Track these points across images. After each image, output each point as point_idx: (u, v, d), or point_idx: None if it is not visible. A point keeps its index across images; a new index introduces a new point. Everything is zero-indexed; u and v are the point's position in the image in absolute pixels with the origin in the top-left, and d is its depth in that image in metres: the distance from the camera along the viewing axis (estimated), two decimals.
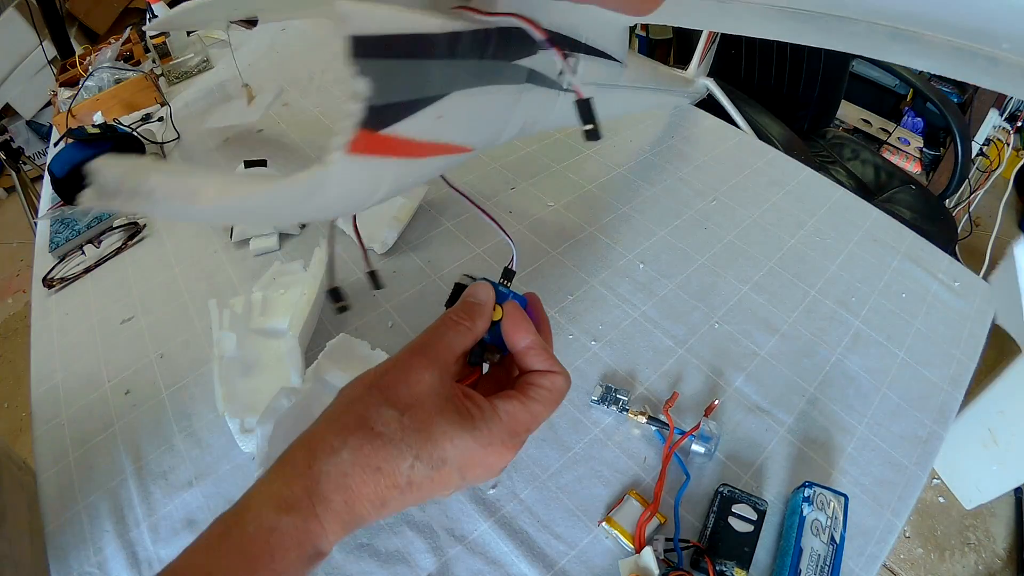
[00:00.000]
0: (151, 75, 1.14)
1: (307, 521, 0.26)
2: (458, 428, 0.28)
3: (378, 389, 0.28)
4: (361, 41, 0.19)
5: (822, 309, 0.69)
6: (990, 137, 1.78)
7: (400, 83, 0.20)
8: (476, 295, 0.33)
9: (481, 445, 0.28)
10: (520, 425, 0.30)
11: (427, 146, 0.24)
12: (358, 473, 0.26)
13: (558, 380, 0.32)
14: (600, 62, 0.41)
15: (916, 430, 0.58)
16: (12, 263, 2.34)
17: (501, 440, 0.29)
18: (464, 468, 0.28)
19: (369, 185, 0.23)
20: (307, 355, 0.64)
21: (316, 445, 0.27)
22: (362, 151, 0.20)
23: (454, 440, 0.27)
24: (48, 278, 0.80)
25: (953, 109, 1.28)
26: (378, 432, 0.27)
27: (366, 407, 0.28)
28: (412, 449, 0.27)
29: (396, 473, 0.27)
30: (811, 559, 0.46)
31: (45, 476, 0.59)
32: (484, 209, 0.36)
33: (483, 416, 0.29)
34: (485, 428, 0.28)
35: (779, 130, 1.10)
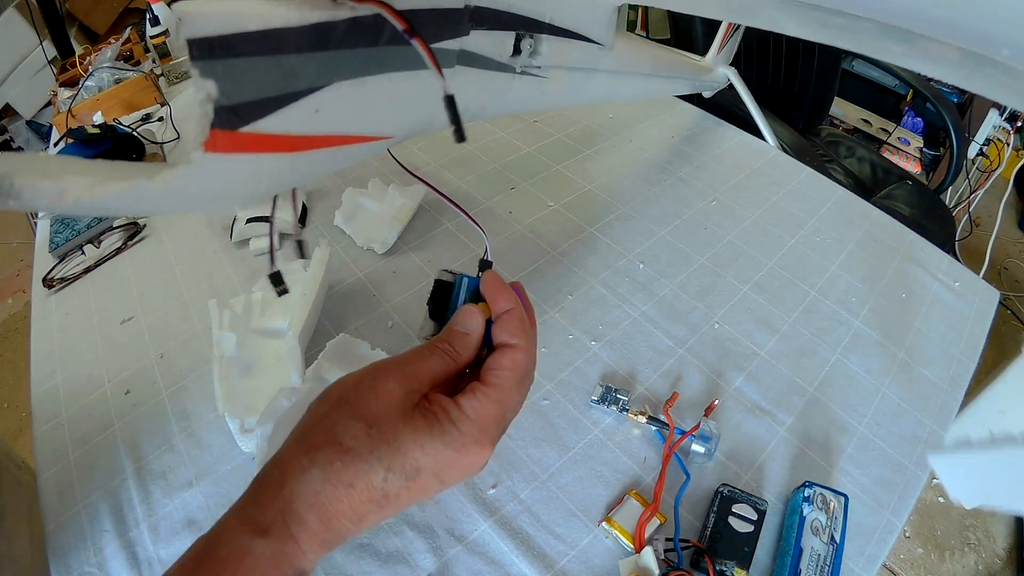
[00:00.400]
0: (151, 75, 1.14)
1: (283, 543, 0.26)
2: (427, 435, 0.27)
3: (346, 403, 0.28)
4: (200, 43, 0.18)
5: (822, 309, 0.69)
6: (990, 137, 1.78)
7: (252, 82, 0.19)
8: (464, 324, 0.31)
9: (454, 449, 0.27)
10: (489, 418, 0.29)
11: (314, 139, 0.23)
12: (330, 490, 0.26)
13: (518, 356, 0.30)
14: (572, 44, 0.39)
15: (916, 430, 0.58)
16: (12, 263, 2.34)
17: (474, 439, 0.28)
18: (441, 473, 0.28)
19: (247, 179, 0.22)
20: (307, 355, 0.64)
21: (286, 465, 0.27)
22: (223, 149, 0.20)
23: (424, 448, 0.27)
24: (48, 278, 0.80)
25: (947, 103, 1.29)
26: (347, 447, 0.26)
27: (334, 423, 0.27)
28: (383, 462, 0.26)
29: (370, 487, 0.26)
30: (811, 559, 0.46)
31: (45, 476, 0.59)
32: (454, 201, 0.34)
33: (450, 418, 0.28)
34: (454, 430, 0.28)
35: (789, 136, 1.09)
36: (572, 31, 0.38)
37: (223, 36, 0.18)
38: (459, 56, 0.29)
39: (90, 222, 0.89)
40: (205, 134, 0.19)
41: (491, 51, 0.32)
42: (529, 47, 0.35)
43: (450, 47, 0.28)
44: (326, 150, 0.24)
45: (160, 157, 0.99)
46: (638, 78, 0.61)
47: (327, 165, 0.26)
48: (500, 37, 0.32)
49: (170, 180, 0.20)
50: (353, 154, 0.27)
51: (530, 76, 0.36)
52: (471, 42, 0.29)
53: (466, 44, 0.29)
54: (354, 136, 0.26)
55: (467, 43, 0.29)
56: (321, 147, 0.24)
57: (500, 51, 0.32)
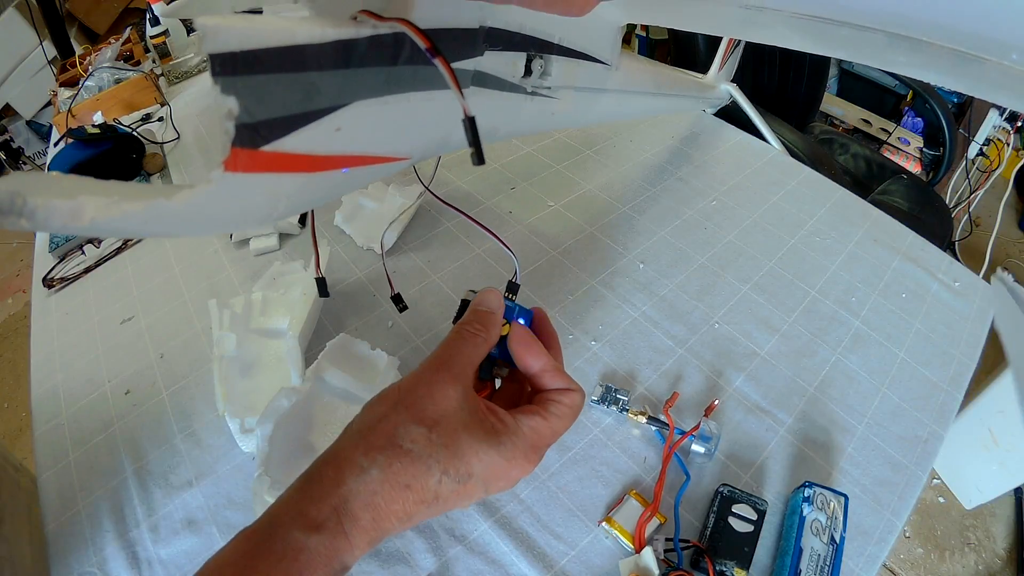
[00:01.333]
0: (151, 75, 1.14)
1: (335, 539, 0.26)
2: (484, 443, 0.28)
3: (404, 407, 0.28)
4: (223, 58, 0.17)
5: (822, 309, 0.69)
6: (990, 137, 1.78)
7: (275, 99, 0.19)
8: (486, 303, 0.33)
9: (506, 459, 0.29)
10: (542, 440, 0.30)
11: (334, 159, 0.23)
12: (387, 491, 0.27)
13: (576, 398, 0.32)
14: (581, 64, 0.39)
15: (916, 430, 0.58)
16: (12, 263, 2.34)
17: (524, 454, 0.29)
18: (488, 481, 0.29)
19: (266, 199, 0.22)
20: (307, 355, 0.64)
21: (343, 464, 0.27)
22: (244, 169, 0.19)
23: (480, 455, 0.28)
24: (48, 278, 0.81)
25: (939, 99, 1.30)
26: (406, 450, 0.27)
27: (394, 425, 0.28)
28: (440, 464, 0.27)
29: (424, 489, 0.27)
30: (811, 559, 0.46)
31: (45, 476, 0.59)
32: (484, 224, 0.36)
33: (507, 431, 0.29)
34: (510, 443, 0.29)
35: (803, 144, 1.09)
36: (580, 51, 0.39)
37: (246, 52, 0.18)
38: (474, 77, 0.29)
39: None
40: (226, 153, 0.19)
41: (504, 72, 0.32)
42: (540, 68, 0.35)
43: (466, 67, 0.28)
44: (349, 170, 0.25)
45: (160, 157, 0.99)
46: (643, 97, 0.62)
47: (345, 185, 0.26)
48: (512, 58, 0.32)
49: (189, 200, 0.19)
50: (371, 174, 0.27)
51: (540, 97, 0.37)
52: (485, 63, 0.30)
53: (480, 65, 0.29)
54: (373, 156, 0.25)
55: (481, 63, 0.29)
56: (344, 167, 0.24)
57: (512, 72, 0.33)
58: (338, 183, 0.25)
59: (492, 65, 0.30)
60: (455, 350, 0.31)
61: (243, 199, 0.21)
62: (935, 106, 1.29)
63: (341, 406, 0.58)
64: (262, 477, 0.49)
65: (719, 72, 0.95)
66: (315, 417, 0.57)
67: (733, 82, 0.98)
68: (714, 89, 0.95)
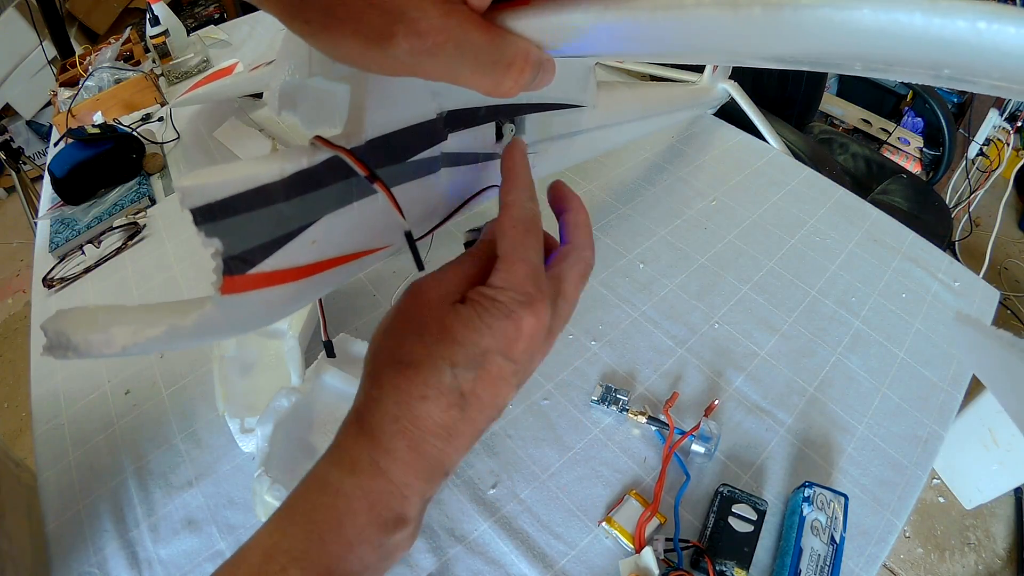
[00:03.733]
0: (151, 75, 1.14)
1: (373, 479, 0.25)
2: (475, 318, 0.26)
3: (392, 330, 0.27)
4: (201, 211, 0.21)
5: (822, 309, 0.69)
6: (990, 137, 1.78)
7: (251, 232, 0.22)
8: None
9: (504, 318, 0.25)
10: (519, 278, 0.26)
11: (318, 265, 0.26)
12: (406, 410, 0.25)
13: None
14: (553, 115, 0.39)
15: (916, 430, 0.58)
16: (12, 263, 2.34)
17: (518, 302, 0.26)
18: (506, 351, 0.26)
19: (265, 308, 0.24)
20: (307, 354, 0.64)
21: (361, 406, 0.26)
22: (237, 291, 0.22)
23: (478, 329, 0.25)
24: (48, 278, 0.80)
25: (939, 99, 1.30)
26: (407, 362, 0.25)
27: (390, 351, 0.27)
28: (445, 359, 0.25)
29: (442, 390, 0.25)
30: (811, 559, 0.46)
31: (45, 476, 0.59)
32: None
33: (486, 295, 0.26)
34: (496, 302, 0.26)
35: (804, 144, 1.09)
36: (552, 103, 0.38)
37: (219, 201, 0.21)
38: (443, 159, 0.30)
39: (90, 222, 0.89)
40: (219, 282, 0.22)
41: (474, 145, 0.32)
42: (511, 131, 0.35)
43: (431, 154, 0.29)
44: (331, 270, 0.27)
45: (160, 157, 0.99)
46: (630, 124, 0.61)
47: (337, 280, 0.28)
48: (480, 131, 0.32)
49: (199, 320, 0.22)
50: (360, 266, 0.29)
51: None
52: (451, 144, 0.30)
53: (447, 147, 0.30)
54: (354, 254, 0.28)
55: (447, 146, 0.30)
56: (325, 270, 0.26)
57: (483, 143, 0.33)
58: (329, 280, 0.27)
59: (460, 144, 0.31)
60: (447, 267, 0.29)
61: (243, 312, 0.24)
62: (935, 106, 1.29)
63: (341, 406, 0.58)
64: (262, 477, 0.49)
65: (714, 73, 0.94)
66: (315, 417, 0.57)
67: (733, 79, 0.97)
68: (711, 91, 0.95)
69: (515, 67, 0.23)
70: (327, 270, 0.26)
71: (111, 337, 0.21)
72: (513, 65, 0.23)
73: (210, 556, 0.52)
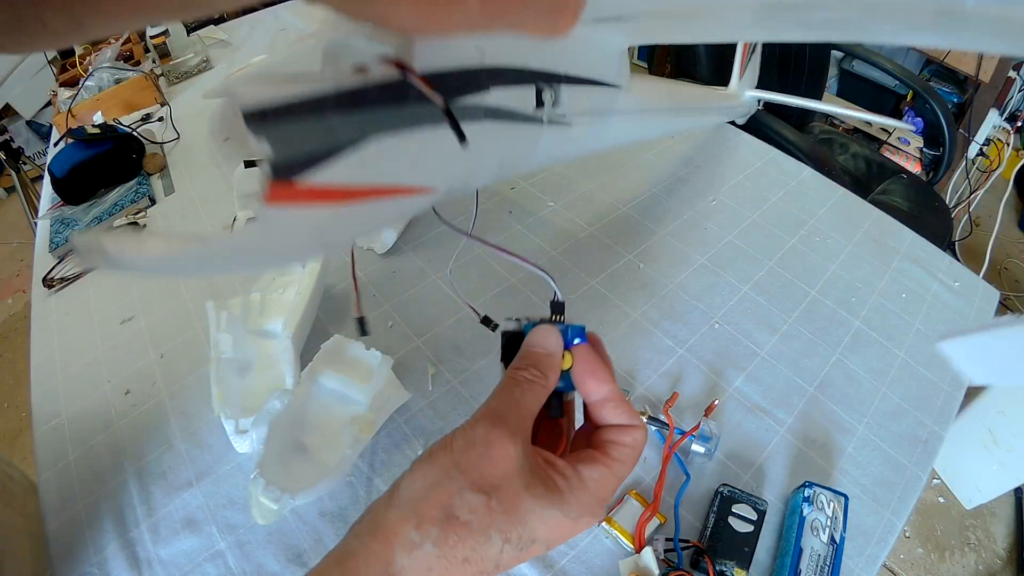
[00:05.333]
0: (151, 75, 1.14)
1: None
2: (547, 504, 0.26)
3: (459, 471, 0.26)
4: (253, 113, 0.21)
5: (822, 309, 0.69)
6: (990, 137, 1.78)
7: (300, 140, 0.22)
8: (545, 345, 0.30)
9: (571, 519, 0.26)
10: (607, 491, 0.28)
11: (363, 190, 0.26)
12: (444, 566, 0.24)
13: (639, 436, 0.29)
14: (591, 90, 0.41)
15: (916, 430, 0.58)
16: (12, 263, 2.34)
17: (590, 510, 0.27)
18: (551, 541, 0.27)
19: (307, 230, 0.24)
20: (304, 356, 0.64)
21: (392, 538, 0.25)
22: (281, 201, 0.22)
23: (544, 518, 0.26)
24: (48, 278, 0.80)
25: (938, 98, 1.30)
26: (464, 521, 0.25)
27: (449, 494, 0.25)
28: (502, 533, 0.25)
29: (484, 559, 0.25)
30: (811, 559, 0.46)
31: (45, 476, 0.59)
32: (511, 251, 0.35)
33: (570, 487, 0.27)
34: (574, 500, 0.26)
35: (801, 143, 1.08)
36: (588, 78, 0.40)
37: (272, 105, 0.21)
38: (485, 112, 0.31)
39: (90, 222, 0.89)
40: (266, 189, 0.22)
41: (515, 105, 0.33)
42: (551, 98, 0.36)
43: (475, 102, 0.30)
44: (375, 201, 0.27)
45: (160, 157, 0.99)
46: (663, 115, 0.62)
47: (379, 215, 0.28)
48: (521, 91, 0.33)
49: (239, 237, 0.23)
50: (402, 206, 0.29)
51: (556, 125, 0.38)
52: (494, 98, 0.31)
53: (489, 100, 0.31)
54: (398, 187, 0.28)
55: (489, 99, 0.31)
56: (369, 197, 0.26)
57: (524, 104, 0.34)
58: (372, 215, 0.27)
59: (501, 99, 0.32)
60: (511, 401, 0.28)
61: (287, 230, 0.24)
62: (935, 106, 1.29)
63: (336, 407, 0.58)
64: (257, 479, 0.48)
65: (740, 81, 0.92)
66: (309, 418, 0.57)
67: None
68: (738, 98, 0.93)
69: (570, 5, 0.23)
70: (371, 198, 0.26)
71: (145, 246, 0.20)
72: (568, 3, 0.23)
73: (210, 556, 0.52)
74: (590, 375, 0.30)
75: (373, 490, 0.55)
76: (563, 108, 0.38)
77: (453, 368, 0.64)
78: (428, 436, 0.59)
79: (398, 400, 0.59)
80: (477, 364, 0.64)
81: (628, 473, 0.29)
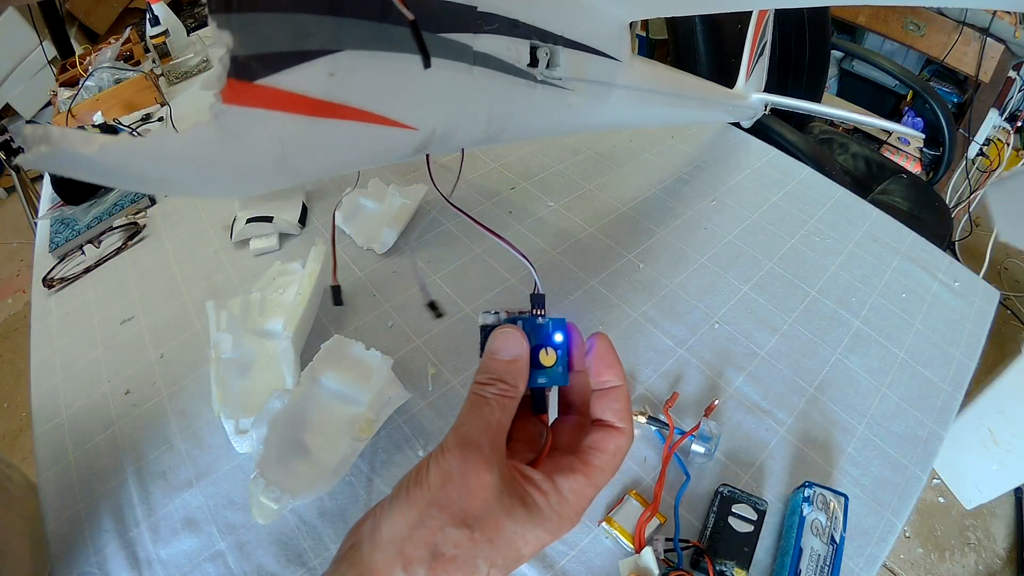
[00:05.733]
0: (151, 75, 1.14)
1: None
2: (529, 523, 0.26)
3: (439, 508, 0.25)
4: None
5: (822, 309, 0.69)
6: (990, 137, 1.78)
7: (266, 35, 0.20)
8: (507, 351, 0.29)
9: (552, 533, 0.27)
10: (586, 500, 0.28)
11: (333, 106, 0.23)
12: None
13: (623, 443, 0.29)
14: (589, 57, 0.39)
15: (916, 430, 0.58)
16: (12, 263, 2.34)
17: (569, 521, 0.27)
18: (535, 553, 0.27)
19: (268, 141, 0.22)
20: (304, 355, 0.64)
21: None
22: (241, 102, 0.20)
23: (527, 537, 0.26)
24: (48, 278, 0.80)
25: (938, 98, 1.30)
26: (451, 556, 0.25)
27: (431, 532, 0.25)
28: (488, 561, 0.25)
29: None
30: (811, 559, 0.46)
31: (45, 476, 0.59)
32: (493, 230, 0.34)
33: (549, 503, 0.27)
34: (554, 515, 0.27)
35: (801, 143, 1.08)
36: (586, 45, 0.38)
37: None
38: (475, 57, 0.29)
39: (90, 222, 0.89)
40: (222, 84, 0.20)
41: (508, 56, 0.31)
42: (546, 55, 0.34)
43: (463, 40, 0.28)
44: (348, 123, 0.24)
45: None
46: (665, 99, 0.60)
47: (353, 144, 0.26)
48: (515, 44, 0.32)
49: (193, 134, 0.20)
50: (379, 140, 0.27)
51: (551, 86, 0.36)
52: (485, 44, 0.29)
53: (479, 44, 0.29)
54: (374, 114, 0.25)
55: (479, 43, 0.29)
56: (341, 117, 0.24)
57: (517, 57, 0.32)
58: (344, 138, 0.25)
59: (493, 47, 0.30)
60: (481, 422, 0.27)
61: (245, 137, 0.21)
62: (935, 106, 1.29)
63: (336, 407, 0.58)
64: (257, 479, 0.49)
65: (747, 83, 0.91)
66: (310, 418, 0.57)
67: None
68: (744, 99, 0.91)
69: None
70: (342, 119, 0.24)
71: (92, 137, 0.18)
72: None
73: (210, 556, 0.52)
74: (606, 365, 0.30)
75: (373, 490, 0.55)
76: (560, 71, 0.36)
77: (453, 368, 0.64)
78: (428, 436, 0.59)
79: (398, 400, 0.59)
80: (477, 364, 0.64)
81: (607, 481, 0.29)
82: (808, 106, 0.92)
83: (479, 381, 0.29)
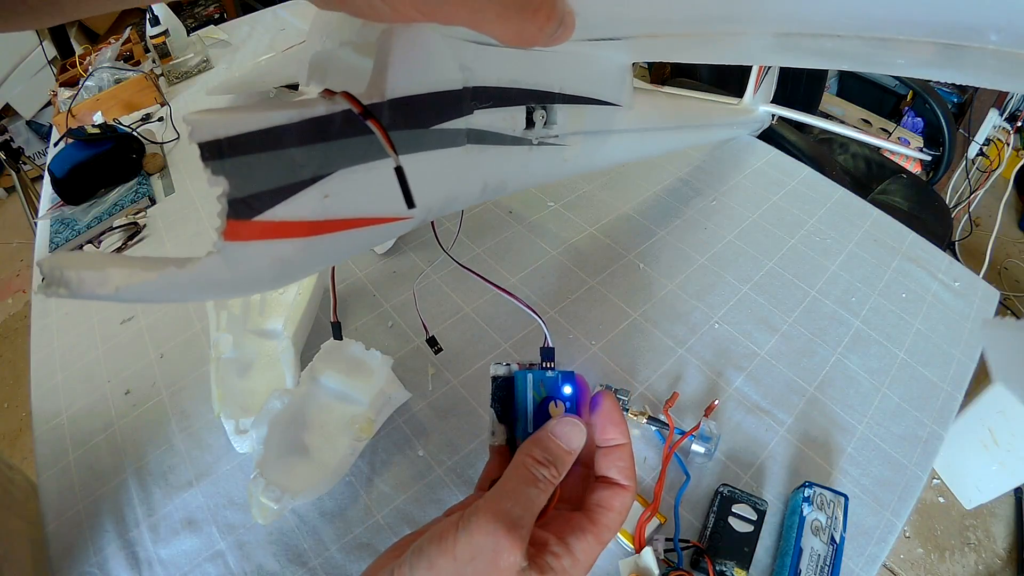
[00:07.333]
0: (151, 75, 1.14)
1: None
2: None
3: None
4: (208, 145, 0.20)
5: (822, 309, 0.69)
6: (990, 137, 1.78)
7: (260, 175, 0.21)
8: (570, 442, 0.29)
9: None
10: (594, 557, 0.28)
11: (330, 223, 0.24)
12: None
13: (627, 500, 0.29)
14: (588, 109, 0.39)
15: (916, 430, 0.58)
16: (12, 263, 2.34)
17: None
18: None
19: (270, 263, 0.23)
20: (305, 355, 0.64)
21: None
22: (241, 238, 0.21)
23: None
24: None
25: (938, 99, 1.30)
26: None
27: None
28: None
29: None
30: (811, 559, 0.46)
31: (45, 476, 0.59)
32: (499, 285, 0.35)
33: (563, 565, 0.27)
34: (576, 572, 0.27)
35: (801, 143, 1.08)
36: (586, 97, 0.38)
37: (229, 137, 0.20)
38: (468, 135, 0.29)
39: (90, 222, 0.89)
40: (223, 226, 0.21)
41: (502, 127, 0.31)
42: (542, 118, 0.34)
43: (456, 126, 0.28)
44: (345, 232, 0.25)
45: (160, 157, 0.99)
46: (666, 132, 0.60)
47: (351, 245, 0.27)
48: (509, 112, 0.32)
49: (198, 268, 0.21)
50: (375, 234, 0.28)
51: (548, 146, 0.36)
52: (478, 120, 0.29)
53: (473, 123, 0.29)
54: (369, 218, 0.26)
55: (474, 122, 0.29)
56: (339, 230, 0.25)
57: (512, 126, 0.32)
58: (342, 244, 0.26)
59: (487, 122, 0.30)
60: (524, 501, 0.27)
61: (247, 266, 0.22)
62: (935, 106, 1.29)
63: (336, 407, 0.58)
64: (257, 479, 0.49)
65: (755, 95, 0.91)
66: (310, 418, 0.57)
67: None
68: (751, 114, 0.92)
69: (541, 12, 0.21)
70: (339, 231, 0.25)
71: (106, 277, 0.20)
72: (540, 10, 0.21)
73: (210, 556, 0.52)
74: (612, 424, 0.31)
75: (373, 490, 0.55)
76: (557, 128, 0.36)
77: (453, 368, 0.64)
78: (428, 436, 0.59)
79: (398, 400, 0.59)
80: (477, 364, 0.64)
81: (612, 538, 0.29)
82: (815, 121, 0.94)
83: (535, 458, 0.29)
